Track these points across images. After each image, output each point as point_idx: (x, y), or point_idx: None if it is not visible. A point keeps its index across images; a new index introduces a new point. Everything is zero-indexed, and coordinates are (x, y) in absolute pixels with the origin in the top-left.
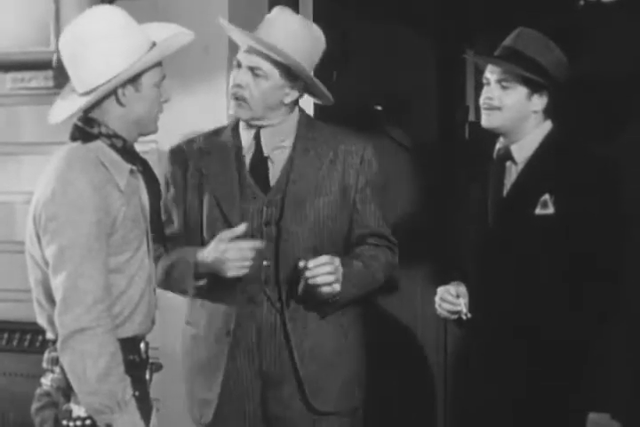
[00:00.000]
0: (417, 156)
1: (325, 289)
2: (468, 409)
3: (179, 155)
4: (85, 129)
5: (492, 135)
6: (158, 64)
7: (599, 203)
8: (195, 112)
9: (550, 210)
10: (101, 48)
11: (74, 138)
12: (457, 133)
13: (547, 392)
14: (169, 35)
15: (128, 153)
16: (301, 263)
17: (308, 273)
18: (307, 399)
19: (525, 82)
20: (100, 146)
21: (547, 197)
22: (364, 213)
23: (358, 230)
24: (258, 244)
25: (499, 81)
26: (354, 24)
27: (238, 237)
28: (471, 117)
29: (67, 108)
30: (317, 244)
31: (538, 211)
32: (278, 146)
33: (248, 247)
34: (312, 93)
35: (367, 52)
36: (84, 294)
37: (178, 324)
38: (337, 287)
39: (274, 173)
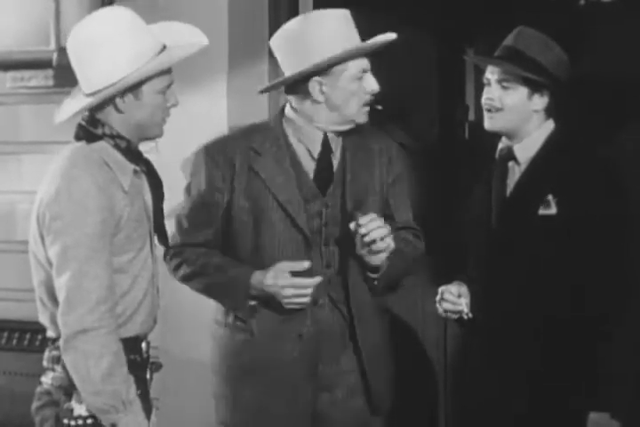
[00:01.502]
0: (417, 155)
1: (381, 245)
2: (468, 408)
3: (221, 154)
4: (89, 129)
5: (493, 135)
6: (166, 71)
7: (602, 203)
8: (195, 113)
9: (553, 210)
10: (108, 51)
11: (78, 138)
12: (457, 133)
13: (547, 392)
14: (183, 37)
15: (132, 154)
16: (352, 225)
17: (362, 229)
18: (369, 395)
19: (526, 82)
20: (104, 146)
21: (550, 197)
22: (397, 208)
23: (394, 225)
24: (318, 280)
25: (499, 81)
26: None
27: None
28: (471, 117)
29: (71, 107)
30: None
31: (541, 211)
32: (337, 148)
33: (307, 285)
34: None
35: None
36: (88, 294)
37: (178, 323)
38: (391, 243)
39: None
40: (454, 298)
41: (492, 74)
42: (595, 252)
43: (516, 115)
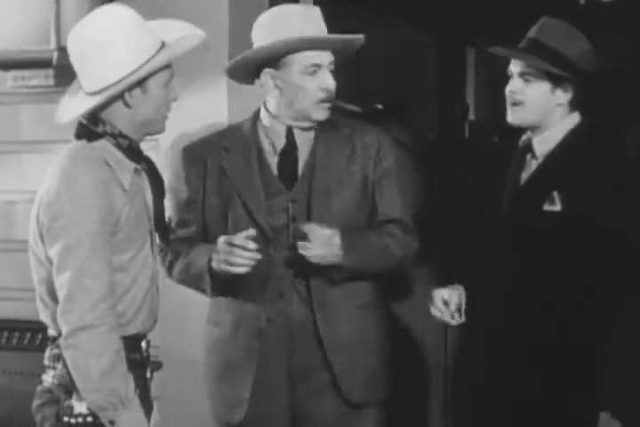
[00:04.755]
0: (417, 154)
1: (326, 261)
2: (468, 410)
3: (195, 154)
4: (90, 128)
5: (493, 134)
6: (167, 65)
7: (606, 202)
8: (195, 111)
9: (557, 207)
10: (111, 48)
11: (79, 137)
12: (457, 132)
13: (547, 393)
14: (180, 35)
15: (133, 152)
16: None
17: (304, 252)
18: (341, 393)
19: (549, 75)
20: (104, 145)
21: (555, 193)
22: (383, 203)
23: (378, 219)
24: (254, 246)
25: (521, 74)
26: (354, 23)
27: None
28: (471, 116)
29: (75, 107)
30: None
31: (546, 207)
32: (304, 141)
33: (243, 244)
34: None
35: (368, 50)
36: (89, 292)
37: (178, 323)
38: (333, 260)
39: (299, 168)
40: (441, 306)
41: (514, 66)
42: (596, 251)
43: (539, 108)
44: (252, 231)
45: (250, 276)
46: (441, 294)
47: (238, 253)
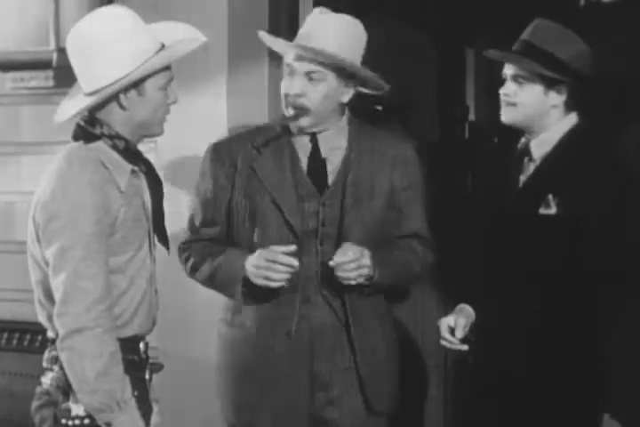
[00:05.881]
0: (417, 155)
1: (355, 282)
2: (468, 412)
3: (225, 153)
4: (88, 129)
5: (492, 135)
6: (166, 68)
7: (603, 203)
8: (195, 113)
9: (552, 210)
10: (108, 50)
11: (76, 138)
12: (457, 133)
13: (549, 394)
14: (180, 37)
15: (131, 154)
16: (331, 262)
17: (340, 273)
18: (367, 399)
19: (542, 77)
20: (101, 146)
21: (550, 196)
22: (407, 216)
23: (402, 232)
24: (293, 261)
25: (514, 77)
26: None
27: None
28: (471, 117)
29: (71, 107)
30: (369, 245)
31: (541, 210)
32: (334, 147)
33: (282, 260)
34: (364, 86)
35: (367, 51)
36: (84, 294)
37: (177, 324)
38: (362, 280)
39: (330, 174)
40: (448, 336)
41: (508, 69)
42: (595, 252)
43: (532, 110)
44: (293, 247)
45: None
46: (447, 322)
47: (280, 269)
